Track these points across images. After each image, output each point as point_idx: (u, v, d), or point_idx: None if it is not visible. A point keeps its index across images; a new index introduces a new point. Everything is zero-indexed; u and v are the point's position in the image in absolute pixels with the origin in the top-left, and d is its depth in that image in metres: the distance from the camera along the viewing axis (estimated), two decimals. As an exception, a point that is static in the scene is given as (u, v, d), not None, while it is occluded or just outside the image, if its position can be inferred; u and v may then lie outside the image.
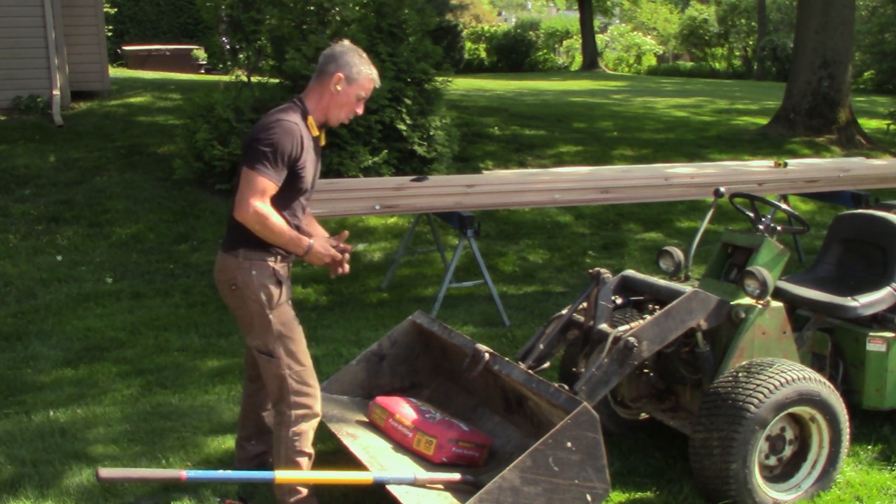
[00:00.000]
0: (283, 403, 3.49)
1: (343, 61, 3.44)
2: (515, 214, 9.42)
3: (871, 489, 3.93)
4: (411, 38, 9.82)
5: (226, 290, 3.51)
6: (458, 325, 6.28)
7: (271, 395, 3.56)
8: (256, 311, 3.44)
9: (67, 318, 6.56)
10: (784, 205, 4.91)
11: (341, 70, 3.44)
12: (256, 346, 3.50)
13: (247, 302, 3.45)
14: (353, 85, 3.46)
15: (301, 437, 3.50)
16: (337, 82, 3.44)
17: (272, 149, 3.32)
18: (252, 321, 3.47)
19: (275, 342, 3.46)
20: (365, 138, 9.13)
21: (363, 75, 3.48)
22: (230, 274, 3.46)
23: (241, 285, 3.43)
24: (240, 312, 3.52)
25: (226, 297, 3.56)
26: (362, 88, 3.50)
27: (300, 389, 3.49)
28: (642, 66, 37.98)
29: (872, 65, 26.94)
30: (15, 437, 4.42)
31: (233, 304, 3.53)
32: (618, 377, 3.65)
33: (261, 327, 3.46)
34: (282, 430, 3.49)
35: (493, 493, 3.03)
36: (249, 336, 3.54)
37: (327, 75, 3.45)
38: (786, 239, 7.62)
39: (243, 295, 3.44)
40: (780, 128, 13.41)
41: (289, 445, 3.48)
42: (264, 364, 3.51)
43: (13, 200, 8.82)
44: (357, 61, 3.47)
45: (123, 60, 20.24)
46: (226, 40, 9.48)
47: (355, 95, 3.50)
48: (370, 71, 3.52)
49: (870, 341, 4.33)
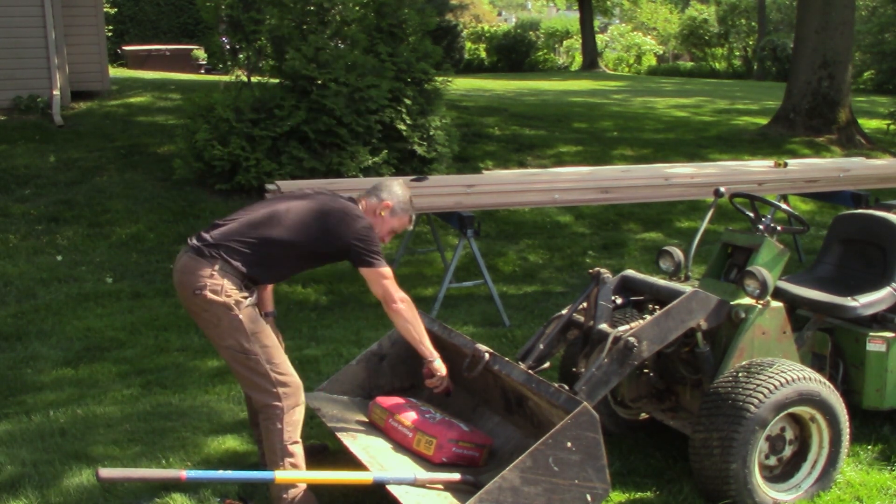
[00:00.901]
0: (271, 398, 3.49)
1: (395, 194, 3.83)
2: (515, 214, 9.42)
3: (871, 489, 3.93)
4: (411, 38, 9.83)
5: (187, 293, 3.47)
6: (458, 325, 6.28)
7: (253, 393, 3.55)
8: (224, 313, 3.44)
9: (67, 318, 6.56)
10: (784, 205, 4.91)
11: (391, 200, 3.81)
12: (230, 346, 3.48)
13: (213, 305, 3.43)
14: (394, 217, 3.83)
15: (294, 426, 3.53)
16: (384, 209, 3.80)
17: (376, 246, 3.67)
18: (220, 322, 3.45)
19: (249, 339, 3.46)
20: (365, 138, 9.14)
21: (406, 214, 3.88)
22: (199, 280, 3.43)
23: (205, 291, 3.42)
24: (205, 315, 3.48)
25: (187, 300, 3.51)
26: (399, 223, 3.88)
27: (285, 381, 3.52)
28: (642, 66, 37.99)
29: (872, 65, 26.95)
30: (15, 437, 4.43)
31: (195, 307, 3.49)
32: (618, 377, 3.65)
33: (231, 327, 3.45)
34: (274, 423, 3.50)
35: (493, 493, 3.03)
36: (219, 337, 3.50)
37: (378, 199, 3.81)
38: (786, 239, 7.62)
39: (208, 299, 3.42)
40: (780, 128, 13.41)
41: (283, 437, 3.50)
42: (241, 362, 3.49)
43: (13, 200, 8.82)
44: (406, 200, 3.87)
45: (123, 60, 20.24)
46: (226, 40, 9.48)
47: (391, 227, 3.85)
48: (412, 214, 3.95)
49: (870, 341, 4.32)
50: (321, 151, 9.03)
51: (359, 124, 9.00)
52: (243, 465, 4.06)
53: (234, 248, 3.48)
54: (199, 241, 3.53)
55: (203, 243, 3.51)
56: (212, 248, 3.48)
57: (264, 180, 8.40)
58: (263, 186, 7.29)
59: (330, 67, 8.99)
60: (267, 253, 3.53)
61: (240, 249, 3.49)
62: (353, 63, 9.15)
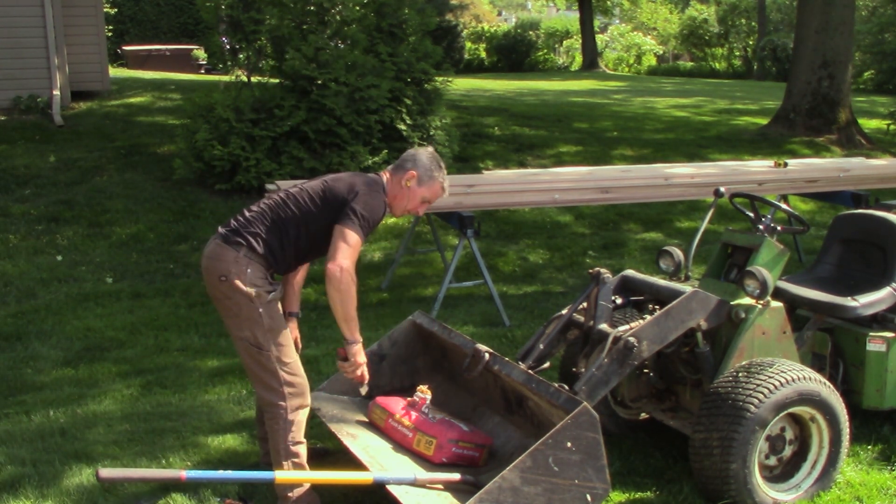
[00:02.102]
0: (276, 396, 3.50)
1: (420, 163, 3.70)
2: (515, 214, 9.42)
3: (871, 489, 3.93)
4: (411, 38, 9.83)
5: (213, 279, 3.50)
6: (458, 325, 6.28)
7: (260, 389, 3.56)
8: (245, 303, 3.45)
9: (67, 318, 6.56)
10: (784, 205, 4.91)
11: (416, 169, 3.68)
12: (245, 338, 3.49)
13: (236, 294, 3.45)
14: (422, 186, 3.71)
15: (298, 427, 3.54)
16: (409, 179, 3.67)
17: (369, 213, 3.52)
18: (240, 311, 3.47)
19: (265, 335, 3.47)
20: (365, 138, 9.14)
21: (436, 181, 3.74)
22: (224, 266, 3.46)
23: (231, 278, 3.44)
24: (227, 303, 3.50)
25: (212, 286, 3.53)
26: (431, 192, 3.75)
27: (293, 381, 3.52)
28: (642, 66, 37.99)
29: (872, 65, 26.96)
30: (15, 437, 4.42)
31: (219, 294, 3.51)
32: (618, 377, 3.65)
33: (249, 318, 3.46)
34: (278, 422, 3.51)
35: (493, 493, 3.03)
36: (236, 327, 3.51)
37: (403, 170, 3.69)
38: (786, 239, 7.62)
39: (232, 286, 3.44)
40: (780, 128, 13.41)
41: (286, 437, 3.50)
42: (253, 356, 3.50)
43: (13, 200, 8.82)
44: (434, 167, 3.72)
45: (123, 60, 20.25)
46: (226, 40, 9.48)
47: (421, 196, 3.73)
48: (443, 181, 3.77)
49: (870, 341, 4.32)
50: (321, 151, 9.04)
51: (359, 124, 9.00)
52: (243, 465, 4.05)
53: (256, 231, 3.50)
54: (225, 228, 3.57)
55: (228, 229, 3.55)
56: (236, 234, 3.51)
57: (264, 180, 8.41)
58: (263, 186, 7.30)
59: (330, 67, 8.99)
60: (284, 233, 3.53)
61: (261, 233, 3.50)
62: (353, 63, 9.15)
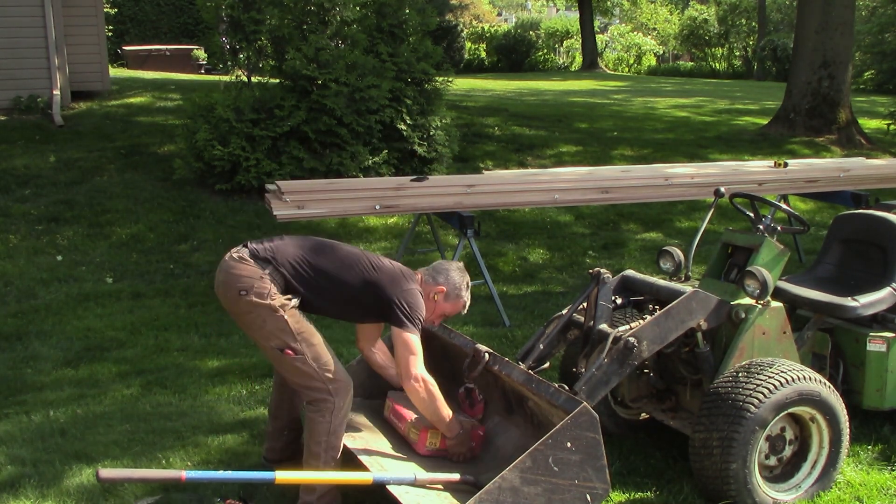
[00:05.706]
0: (322, 392, 3.49)
1: (451, 280, 3.81)
2: (515, 214, 9.42)
3: (871, 489, 3.93)
4: (412, 38, 9.83)
5: (233, 294, 3.47)
6: (458, 325, 6.27)
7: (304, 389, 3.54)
8: (269, 315, 3.45)
9: (67, 318, 6.56)
10: (784, 205, 4.91)
11: (447, 286, 3.79)
12: (276, 346, 3.48)
13: (258, 307, 3.44)
14: (447, 302, 3.81)
15: (341, 422, 3.53)
16: (438, 293, 3.78)
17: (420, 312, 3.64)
18: (265, 323, 3.46)
19: (296, 339, 3.47)
20: (365, 138, 9.14)
21: (460, 300, 3.84)
22: (247, 282, 3.45)
23: (253, 294, 3.44)
24: (250, 317, 3.49)
25: (231, 301, 3.52)
26: (452, 308, 3.85)
27: (335, 377, 3.52)
28: (642, 66, 38.01)
29: (872, 65, 26.96)
30: (15, 437, 4.43)
31: (239, 309, 3.50)
32: (618, 377, 3.65)
33: (276, 328, 3.46)
34: (325, 415, 3.49)
35: (492, 493, 3.03)
36: (264, 338, 3.51)
37: (435, 283, 3.80)
38: (786, 239, 7.62)
39: (253, 301, 3.44)
40: (780, 128, 13.41)
41: (329, 429, 3.49)
42: (288, 362, 3.49)
43: (13, 200, 8.82)
44: (462, 286, 3.83)
45: (123, 60, 20.25)
46: (226, 40, 9.48)
47: (443, 311, 3.83)
48: (467, 300, 3.88)
49: (870, 341, 4.32)
50: (321, 151, 9.04)
51: (359, 124, 9.01)
52: (243, 465, 4.06)
53: (285, 261, 3.53)
54: (251, 246, 3.58)
55: (256, 248, 3.56)
56: (265, 255, 3.53)
57: (264, 180, 8.41)
58: (263, 186, 7.30)
59: (330, 67, 8.99)
60: (316, 279, 3.56)
61: (292, 264, 3.54)
62: (353, 63, 9.16)
